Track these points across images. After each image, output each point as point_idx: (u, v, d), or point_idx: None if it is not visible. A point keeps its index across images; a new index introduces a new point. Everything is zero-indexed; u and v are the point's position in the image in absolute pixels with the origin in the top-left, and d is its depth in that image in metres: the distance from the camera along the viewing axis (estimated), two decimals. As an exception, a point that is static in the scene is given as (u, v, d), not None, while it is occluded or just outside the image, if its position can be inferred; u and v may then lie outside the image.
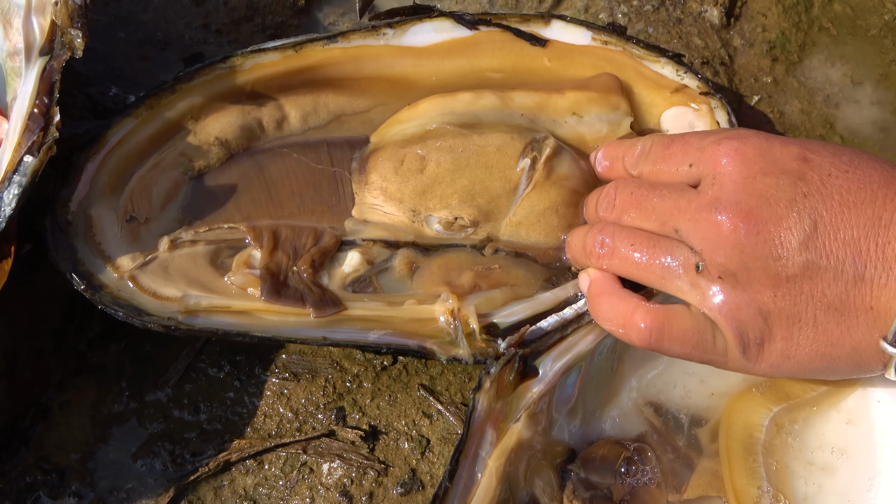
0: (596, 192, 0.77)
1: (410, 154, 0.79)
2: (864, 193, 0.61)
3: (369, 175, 0.79)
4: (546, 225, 0.79)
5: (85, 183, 0.75)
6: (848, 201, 0.61)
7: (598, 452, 0.75)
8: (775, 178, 0.62)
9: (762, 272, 0.62)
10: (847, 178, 0.61)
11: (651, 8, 1.01)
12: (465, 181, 0.79)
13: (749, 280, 0.62)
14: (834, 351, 0.63)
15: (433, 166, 0.79)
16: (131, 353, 0.79)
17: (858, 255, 0.60)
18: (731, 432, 0.75)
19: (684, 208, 0.65)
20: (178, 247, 0.77)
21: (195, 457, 0.76)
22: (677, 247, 0.65)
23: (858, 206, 0.61)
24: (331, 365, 0.80)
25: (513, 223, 0.79)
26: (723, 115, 0.84)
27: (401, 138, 0.80)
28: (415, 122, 0.81)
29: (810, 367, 0.65)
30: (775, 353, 0.64)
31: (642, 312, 0.66)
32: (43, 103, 0.71)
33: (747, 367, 0.66)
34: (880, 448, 0.74)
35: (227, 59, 0.81)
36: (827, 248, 0.61)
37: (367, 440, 0.77)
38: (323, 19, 0.99)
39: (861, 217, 0.61)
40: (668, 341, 0.65)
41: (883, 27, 1.03)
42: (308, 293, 0.74)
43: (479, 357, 0.74)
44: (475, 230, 0.79)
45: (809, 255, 0.61)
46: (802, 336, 0.63)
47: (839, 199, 0.61)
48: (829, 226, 0.61)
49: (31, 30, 0.75)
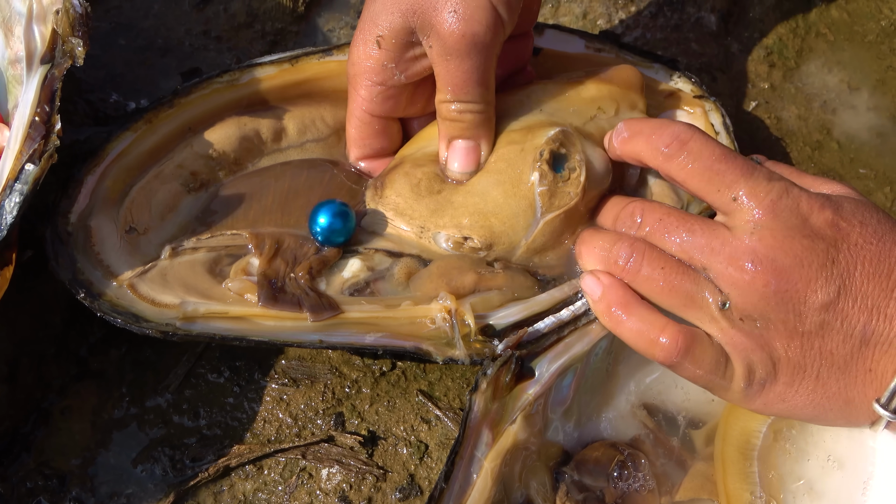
0: (617, 203, 0.76)
1: (428, 173, 0.78)
2: (884, 266, 0.65)
3: (385, 189, 0.79)
4: (563, 247, 0.78)
5: (85, 195, 0.76)
6: (870, 272, 0.65)
7: (592, 455, 0.75)
8: (811, 241, 0.65)
9: (782, 324, 0.66)
10: (871, 250, 0.65)
11: (649, 14, 1.01)
12: (477, 199, 0.77)
13: (767, 328, 0.66)
14: (827, 403, 0.68)
15: (449, 187, 0.78)
16: (132, 359, 0.80)
17: (869, 323, 0.65)
18: (728, 437, 0.75)
19: (717, 250, 0.67)
20: (178, 254, 0.77)
21: (195, 462, 0.76)
22: (704, 282, 0.68)
23: (878, 277, 0.65)
24: (330, 371, 0.80)
25: (530, 249, 0.77)
26: (717, 118, 0.84)
27: (420, 155, 0.80)
28: (436, 140, 0.80)
29: (801, 413, 0.69)
30: (773, 395, 0.68)
31: (673, 331, 0.68)
32: (44, 111, 0.71)
33: (744, 400, 0.69)
34: (875, 453, 0.74)
35: (224, 73, 0.82)
36: (844, 313, 0.65)
37: (366, 445, 0.77)
38: (322, 25, 1.00)
39: (878, 288, 0.65)
40: (689, 362, 0.68)
41: (880, 33, 1.04)
42: (305, 298, 0.74)
43: (476, 358, 0.74)
44: (487, 253, 0.77)
45: (827, 317, 0.65)
46: (803, 386, 0.67)
47: (861, 269, 0.65)
48: (850, 293, 0.65)
49: (32, 38, 0.75)
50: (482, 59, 0.73)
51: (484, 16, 0.71)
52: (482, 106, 0.75)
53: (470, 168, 0.77)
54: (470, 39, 0.71)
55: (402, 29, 0.73)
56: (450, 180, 0.78)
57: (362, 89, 0.77)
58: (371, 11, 0.74)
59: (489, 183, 0.77)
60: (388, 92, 0.77)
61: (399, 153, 0.82)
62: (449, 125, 0.76)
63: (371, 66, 0.75)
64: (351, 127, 0.80)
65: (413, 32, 0.73)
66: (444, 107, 0.76)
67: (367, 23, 0.74)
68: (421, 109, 0.81)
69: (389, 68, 0.75)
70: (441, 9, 0.71)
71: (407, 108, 0.80)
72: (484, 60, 0.73)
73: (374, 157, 0.82)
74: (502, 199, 0.76)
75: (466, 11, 0.71)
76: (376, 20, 0.73)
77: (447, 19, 0.71)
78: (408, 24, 0.73)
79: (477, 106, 0.75)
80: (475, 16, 0.71)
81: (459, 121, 0.76)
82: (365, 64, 0.75)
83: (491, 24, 0.71)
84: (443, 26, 0.71)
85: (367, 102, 0.77)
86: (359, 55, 0.75)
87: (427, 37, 0.73)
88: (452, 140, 0.77)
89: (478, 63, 0.73)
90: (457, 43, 0.71)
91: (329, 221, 0.76)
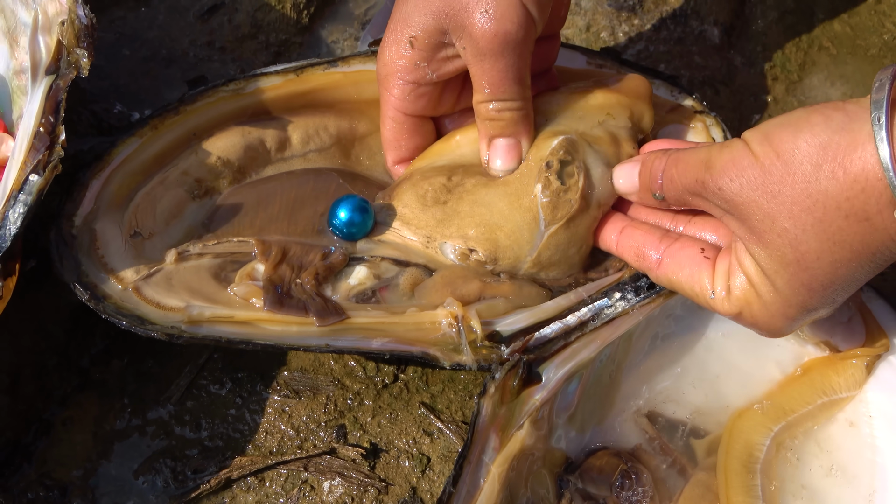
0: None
1: (436, 184, 0.78)
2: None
3: (393, 201, 0.79)
4: (569, 261, 0.77)
5: (90, 199, 0.76)
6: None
7: (596, 464, 0.75)
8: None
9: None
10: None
11: (652, 27, 1.01)
12: (483, 210, 0.77)
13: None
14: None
15: (455, 198, 0.78)
16: (134, 370, 0.80)
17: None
18: (732, 450, 0.75)
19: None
20: (185, 259, 0.77)
21: (196, 474, 0.76)
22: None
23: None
24: (332, 382, 0.80)
25: (536, 263, 0.77)
26: (718, 133, 0.84)
27: (429, 169, 0.80)
28: (446, 155, 0.80)
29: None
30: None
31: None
32: (49, 122, 0.71)
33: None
34: (878, 467, 0.75)
35: (230, 81, 0.82)
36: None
37: (368, 458, 0.77)
38: (326, 37, 1.00)
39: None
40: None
41: (882, 47, 1.04)
42: (311, 302, 0.74)
43: (483, 363, 0.74)
44: (494, 267, 0.77)
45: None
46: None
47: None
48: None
49: (37, 49, 0.75)
50: (516, 57, 0.73)
51: (515, 14, 0.71)
52: (520, 103, 0.76)
53: (512, 165, 0.78)
54: (503, 38, 0.71)
55: (435, 30, 0.74)
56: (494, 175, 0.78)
57: (395, 88, 0.77)
58: (402, 12, 0.75)
59: (495, 194, 0.77)
60: (421, 90, 0.77)
61: (408, 168, 0.82)
62: (488, 125, 0.77)
63: (404, 66, 0.76)
64: (385, 129, 0.81)
65: (445, 33, 0.74)
66: (482, 107, 0.76)
67: (398, 23, 0.75)
68: (451, 107, 0.81)
69: (422, 67, 0.76)
70: (472, 10, 0.71)
71: (438, 107, 0.80)
72: (518, 58, 0.73)
73: (409, 159, 0.82)
74: (507, 210, 0.76)
75: (498, 10, 0.71)
76: (409, 21, 0.74)
77: (479, 19, 0.71)
78: (440, 26, 0.73)
79: (515, 104, 0.75)
80: (507, 14, 0.71)
81: (499, 119, 0.76)
82: (398, 63, 0.76)
83: (523, 22, 0.71)
84: (475, 27, 0.71)
85: (399, 101, 0.78)
86: (391, 55, 0.76)
87: (460, 39, 0.73)
88: (493, 139, 0.78)
89: (512, 61, 0.73)
90: (490, 42, 0.72)
91: (349, 216, 0.77)
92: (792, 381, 0.78)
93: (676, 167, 0.69)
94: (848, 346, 0.77)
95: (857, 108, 0.59)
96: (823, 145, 0.59)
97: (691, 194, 0.68)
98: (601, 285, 0.78)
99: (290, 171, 0.83)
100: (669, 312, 0.78)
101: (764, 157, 0.62)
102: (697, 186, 0.66)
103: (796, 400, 0.77)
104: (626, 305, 0.76)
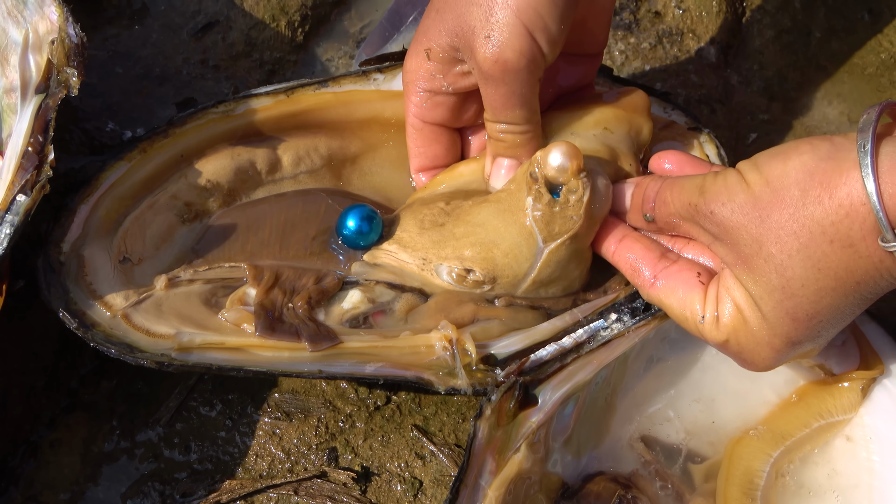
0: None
1: (434, 209, 0.78)
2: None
3: (391, 227, 0.79)
4: (569, 277, 0.77)
5: (78, 225, 0.75)
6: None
7: (593, 489, 0.74)
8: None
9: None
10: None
11: (648, 45, 1.01)
12: (479, 230, 0.75)
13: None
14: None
15: (452, 220, 0.77)
16: (123, 391, 0.79)
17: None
18: (732, 477, 0.75)
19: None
20: (175, 285, 0.76)
21: (185, 497, 0.75)
22: None
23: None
24: (323, 405, 0.79)
25: (536, 282, 0.76)
26: (712, 149, 0.84)
27: (429, 197, 0.80)
28: (449, 183, 0.80)
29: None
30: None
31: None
32: (38, 142, 0.71)
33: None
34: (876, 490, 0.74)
35: (220, 103, 0.81)
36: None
37: (360, 482, 0.76)
38: (321, 55, 1.00)
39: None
40: None
41: (880, 65, 1.04)
42: (303, 327, 0.74)
43: (478, 387, 0.73)
44: (491, 287, 0.76)
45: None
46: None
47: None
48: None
49: (27, 67, 0.75)
50: (518, 84, 0.73)
51: (518, 43, 0.71)
52: (524, 127, 0.76)
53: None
54: (502, 66, 0.71)
55: (448, 46, 0.74)
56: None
57: (414, 95, 0.78)
58: (425, 25, 0.76)
59: (491, 213, 0.76)
60: (437, 99, 0.78)
61: (411, 197, 0.82)
62: (493, 143, 0.78)
63: (422, 75, 0.77)
64: (407, 136, 0.82)
65: (458, 50, 0.74)
66: (489, 125, 0.77)
67: (420, 35, 0.76)
68: (473, 119, 0.81)
69: (438, 78, 0.77)
70: (478, 34, 0.72)
71: (458, 118, 0.80)
72: (521, 85, 0.73)
73: (432, 167, 0.82)
74: (503, 228, 0.74)
75: (500, 38, 0.71)
76: (428, 33, 0.75)
77: (481, 45, 0.71)
78: (453, 43, 0.74)
79: (518, 127, 0.76)
80: (508, 42, 0.71)
81: (502, 140, 0.77)
82: (417, 72, 0.77)
83: (525, 51, 0.71)
84: (478, 51, 0.72)
85: (417, 108, 0.79)
86: (412, 64, 0.77)
87: (469, 59, 0.74)
88: (496, 158, 0.79)
89: (514, 87, 0.73)
90: (491, 69, 0.72)
91: (357, 224, 0.78)
92: (788, 406, 0.77)
93: (671, 190, 0.69)
94: (842, 369, 0.77)
95: (845, 139, 0.61)
96: (811, 171, 0.61)
97: (682, 218, 0.68)
98: (596, 306, 0.77)
99: (280, 194, 0.83)
100: (664, 335, 0.77)
101: (754, 184, 0.63)
102: (690, 210, 0.67)
103: (793, 424, 0.76)
104: (622, 327, 0.75)
